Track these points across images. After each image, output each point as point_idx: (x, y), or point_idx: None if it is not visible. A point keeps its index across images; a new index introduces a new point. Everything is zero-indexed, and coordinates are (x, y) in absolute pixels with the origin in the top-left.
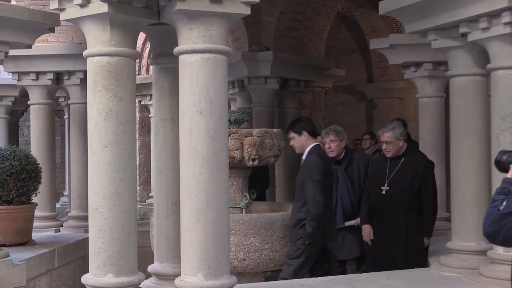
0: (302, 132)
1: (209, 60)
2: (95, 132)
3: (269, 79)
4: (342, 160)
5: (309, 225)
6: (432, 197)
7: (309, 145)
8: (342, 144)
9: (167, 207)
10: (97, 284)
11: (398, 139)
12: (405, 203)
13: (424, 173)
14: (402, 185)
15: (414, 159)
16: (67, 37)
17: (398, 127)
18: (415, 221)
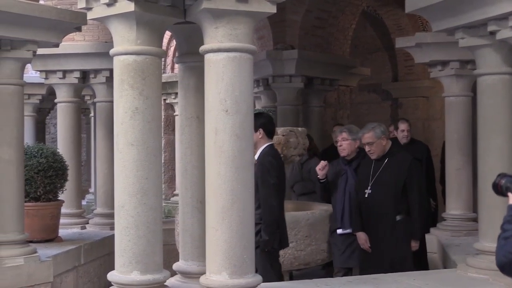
0: (259, 129)
1: (235, 59)
2: (121, 130)
3: (294, 78)
4: (353, 160)
5: (265, 232)
6: (418, 198)
7: (263, 144)
8: (355, 144)
9: (192, 205)
10: (123, 282)
11: (380, 138)
12: (388, 206)
13: (408, 172)
14: (385, 187)
15: (397, 159)
16: (93, 36)
17: (379, 126)
18: (402, 225)
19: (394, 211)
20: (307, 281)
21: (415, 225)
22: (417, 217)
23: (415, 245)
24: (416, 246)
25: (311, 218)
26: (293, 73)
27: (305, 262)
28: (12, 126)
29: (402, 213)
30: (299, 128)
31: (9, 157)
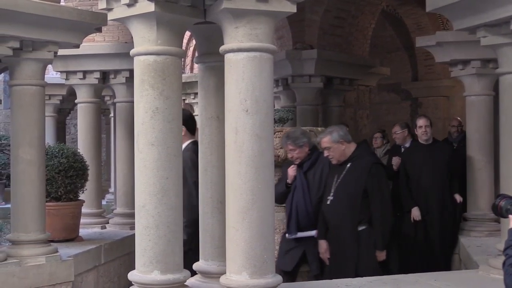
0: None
1: (255, 59)
2: (142, 130)
3: (313, 78)
4: (303, 163)
5: (185, 231)
6: (379, 206)
7: (186, 141)
8: (304, 149)
9: (212, 205)
10: (143, 281)
11: (338, 142)
12: (349, 214)
13: (369, 178)
14: (346, 194)
15: (360, 164)
16: (113, 36)
17: (337, 129)
18: (365, 234)
19: (354, 220)
20: (327, 281)
21: (377, 235)
22: (379, 227)
23: (381, 255)
24: (382, 256)
25: None
26: (312, 73)
27: None
28: (34, 127)
29: (364, 222)
30: (318, 128)
31: (30, 157)
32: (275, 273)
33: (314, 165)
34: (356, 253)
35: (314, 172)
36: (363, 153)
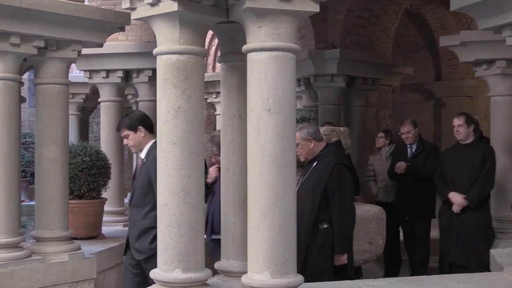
0: (138, 128)
1: (278, 58)
2: (164, 129)
3: (336, 77)
4: None
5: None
6: (338, 207)
7: (148, 142)
8: None
9: (234, 205)
10: (165, 279)
11: (307, 139)
12: (307, 212)
13: (329, 178)
14: (307, 192)
15: (323, 163)
16: (136, 35)
17: (307, 127)
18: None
19: (311, 218)
20: (349, 282)
21: (335, 237)
22: (338, 229)
23: (340, 258)
24: (342, 260)
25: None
26: (334, 72)
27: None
28: (57, 125)
29: (324, 223)
30: (340, 127)
31: (54, 155)
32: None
33: None
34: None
35: None
36: (329, 152)
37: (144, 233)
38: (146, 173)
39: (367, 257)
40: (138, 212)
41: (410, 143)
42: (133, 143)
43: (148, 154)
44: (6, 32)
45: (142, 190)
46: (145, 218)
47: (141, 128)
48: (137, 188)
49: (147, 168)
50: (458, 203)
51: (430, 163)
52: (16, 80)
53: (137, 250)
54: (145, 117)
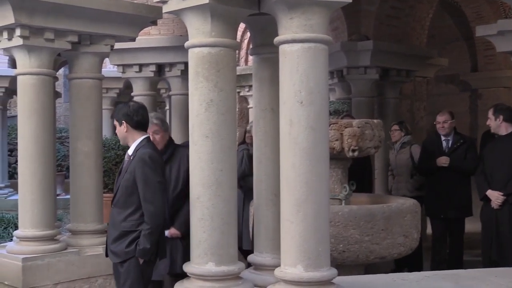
0: (122, 122)
1: (310, 50)
2: (196, 122)
3: (369, 69)
4: (165, 152)
5: (147, 239)
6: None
7: (136, 138)
8: (166, 135)
9: (266, 198)
10: (198, 272)
11: None
12: None
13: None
14: None
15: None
16: (168, 29)
17: None
18: None
19: None
20: (383, 275)
21: None
22: None
23: None
24: None
25: (387, 211)
26: (368, 64)
27: (381, 256)
28: (91, 119)
29: None
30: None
31: (88, 149)
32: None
33: (173, 160)
34: None
35: (171, 167)
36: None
37: (123, 236)
38: (131, 172)
39: (401, 251)
40: (119, 213)
41: (445, 134)
42: (119, 135)
43: (135, 152)
44: (41, 28)
45: (126, 190)
46: (126, 221)
47: (124, 123)
48: (121, 187)
49: (132, 167)
50: (495, 198)
51: (471, 157)
52: (50, 75)
53: (113, 253)
54: (134, 112)
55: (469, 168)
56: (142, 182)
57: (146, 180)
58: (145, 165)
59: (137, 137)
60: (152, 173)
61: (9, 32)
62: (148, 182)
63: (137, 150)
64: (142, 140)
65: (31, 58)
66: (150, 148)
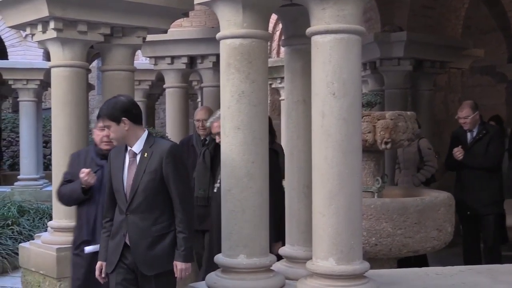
0: (122, 119)
1: (343, 41)
2: (228, 114)
3: (403, 61)
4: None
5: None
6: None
7: (140, 135)
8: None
9: (298, 190)
10: (229, 264)
11: None
12: None
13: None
14: None
15: None
16: (200, 21)
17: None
18: None
19: None
20: (416, 269)
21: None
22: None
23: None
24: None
25: (420, 204)
26: (401, 55)
27: (414, 249)
28: None
29: None
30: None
31: None
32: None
33: None
34: None
35: None
36: None
37: (157, 241)
38: (156, 171)
39: (435, 244)
40: (143, 219)
41: (469, 129)
42: (114, 136)
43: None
44: (74, 20)
45: (151, 192)
46: (157, 224)
47: (126, 120)
48: (141, 190)
49: (155, 164)
50: None
51: (493, 149)
52: (83, 67)
53: (147, 264)
54: (131, 105)
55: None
56: (177, 180)
57: (181, 177)
58: (177, 161)
59: (140, 133)
60: (184, 169)
61: (43, 25)
62: (184, 180)
63: (151, 145)
64: (148, 135)
65: (65, 50)
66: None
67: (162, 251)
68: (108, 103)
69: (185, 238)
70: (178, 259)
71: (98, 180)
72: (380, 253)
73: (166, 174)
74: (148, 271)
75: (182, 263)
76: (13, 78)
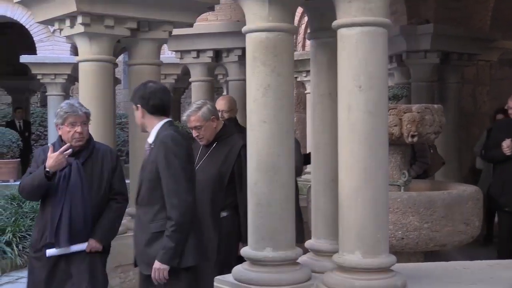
0: (137, 105)
1: (369, 34)
2: (254, 107)
3: (429, 53)
4: (82, 150)
5: (171, 239)
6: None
7: (155, 124)
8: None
9: (324, 184)
10: (256, 257)
11: (209, 119)
12: (210, 198)
13: (238, 159)
14: (208, 176)
15: (227, 143)
16: (225, 15)
17: (205, 104)
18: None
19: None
20: (443, 263)
21: (242, 225)
22: (244, 215)
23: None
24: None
25: (447, 198)
26: (428, 48)
27: (441, 243)
28: None
29: (228, 209)
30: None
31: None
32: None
33: (95, 155)
34: (218, 242)
35: (92, 165)
36: (230, 132)
37: (154, 239)
38: (153, 162)
39: (462, 238)
40: (145, 213)
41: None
42: (136, 121)
43: (156, 138)
44: (101, 15)
45: (149, 184)
46: (155, 221)
47: (139, 107)
48: (144, 181)
49: (154, 155)
50: None
51: None
52: (110, 62)
53: (145, 262)
54: (150, 95)
55: None
56: (164, 170)
57: (168, 166)
58: (167, 150)
59: (156, 122)
60: (175, 159)
61: (71, 20)
62: (171, 169)
63: (157, 137)
64: (163, 124)
65: (92, 45)
66: (172, 130)
67: (157, 251)
68: (135, 88)
69: (167, 237)
70: (157, 257)
71: (65, 179)
72: (407, 246)
73: (158, 165)
74: (145, 269)
75: (157, 262)
76: (41, 72)
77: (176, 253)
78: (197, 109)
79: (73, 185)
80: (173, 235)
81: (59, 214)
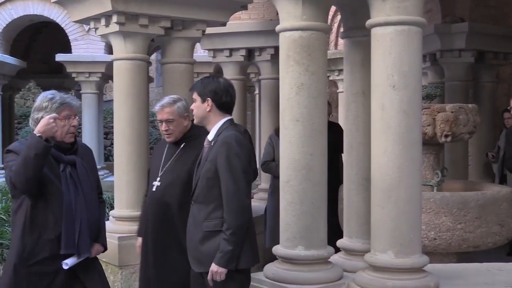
0: (207, 98)
1: (403, 32)
2: (287, 106)
3: (464, 52)
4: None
5: (229, 242)
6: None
7: (218, 120)
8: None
9: (358, 183)
10: (287, 256)
11: (183, 116)
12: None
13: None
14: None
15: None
16: (258, 14)
17: (180, 99)
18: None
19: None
20: (477, 265)
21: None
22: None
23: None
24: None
25: (481, 199)
26: (463, 47)
27: (475, 244)
28: None
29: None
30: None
31: None
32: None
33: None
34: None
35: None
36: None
37: (207, 238)
38: (212, 161)
39: (497, 240)
40: (200, 211)
41: None
42: (196, 112)
43: (217, 136)
44: (136, 14)
45: (207, 183)
46: (209, 219)
47: (209, 101)
48: (200, 179)
49: (214, 154)
50: None
51: None
52: (144, 60)
53: (197, 260)
54: (224, 90)
55: None
56: (225, 171)
57: (230, 168)
58: (230, 150)
59: (220, 119)
60: (237, 161)
61: (106, 19)
62: (232, 171)
63: (218, 134)
64: (225, 122)
65: (127, 43)
66: (235, 130)
67: (209, 250)
68: (203, 80)
69: (224, 240)
70: (214, 260)
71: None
72: (439, 247)
73: (218, 165)
74: (196, 267)
75: (214, 265)
76: (76, 71)
77: (233, 256)
78: (173, 102)
79: (85, 185)
80: (231, 238)
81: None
